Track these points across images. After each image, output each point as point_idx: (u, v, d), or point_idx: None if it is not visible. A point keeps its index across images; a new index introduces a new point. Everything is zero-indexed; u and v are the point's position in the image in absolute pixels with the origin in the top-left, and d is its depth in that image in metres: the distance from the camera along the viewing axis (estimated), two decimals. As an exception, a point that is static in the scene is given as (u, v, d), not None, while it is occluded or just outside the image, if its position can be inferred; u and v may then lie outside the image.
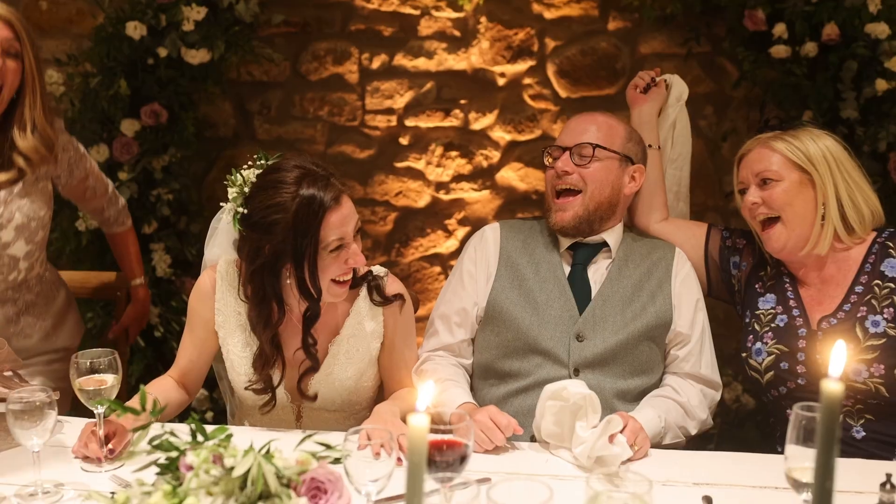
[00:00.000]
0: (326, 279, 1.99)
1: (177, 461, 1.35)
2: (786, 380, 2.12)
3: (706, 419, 2.19)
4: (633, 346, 2.15)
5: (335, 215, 1.94)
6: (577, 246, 2.27)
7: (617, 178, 2.25)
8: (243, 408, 2.25)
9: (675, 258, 2.28)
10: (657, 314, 2.18)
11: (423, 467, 1.11)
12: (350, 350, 2.12)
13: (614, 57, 3.65)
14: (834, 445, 1.05)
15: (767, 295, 2.21)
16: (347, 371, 2.11)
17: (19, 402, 1.61)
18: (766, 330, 2.16)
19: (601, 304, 2.18)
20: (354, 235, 2.00)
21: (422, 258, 3.85)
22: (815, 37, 3.06)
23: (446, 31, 3.70)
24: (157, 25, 3.28)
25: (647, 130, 2.44)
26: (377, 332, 2.14)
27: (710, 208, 3.68)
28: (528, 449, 1.94)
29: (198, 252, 3.46)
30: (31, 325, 2.41)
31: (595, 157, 2.22)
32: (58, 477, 1.74)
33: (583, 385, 1.89)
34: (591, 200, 2.22)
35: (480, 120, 3.74)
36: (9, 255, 2.30)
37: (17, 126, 2.24)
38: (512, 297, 2.21)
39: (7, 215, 2.26)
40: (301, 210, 1.92)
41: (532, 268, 2.24)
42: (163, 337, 3.38)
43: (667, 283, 2.23)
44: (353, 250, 1.98)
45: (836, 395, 1.04)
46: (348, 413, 2.19)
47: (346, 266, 1.99)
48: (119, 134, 3.31)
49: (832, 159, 2.11)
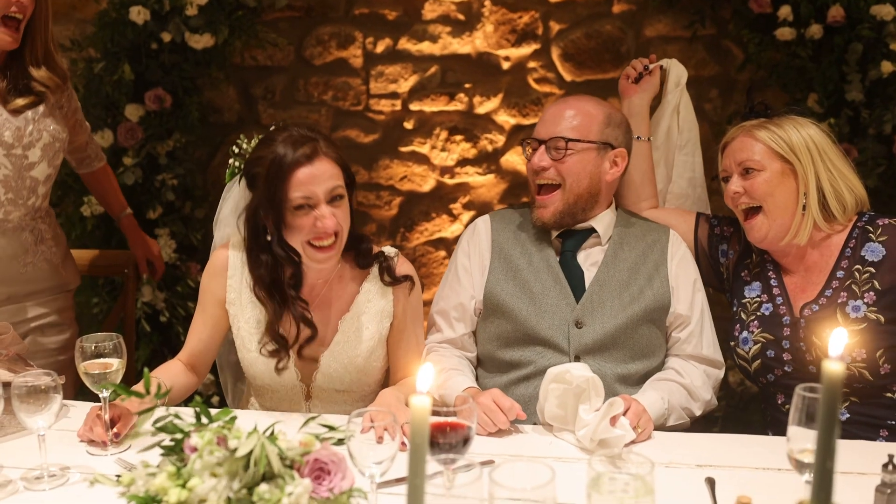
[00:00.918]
0: (298, 240, 2.00)
1: (181, 443, 1.35)
2: (773, 367, 2.12)
3: (710, 399, 2.19)
4: (633, 330, 2.15)
5: (303, 172, 1.94)
6: (567, 233, 2.25)
7: (595, 168, 2.20)
8: (254, 387, 2.25)
9: (669, 240, 2.26)
10: (655, 297, 2.17)
11: (425, 449, 1.11)
12: (360, 328, 2.11)
13: (619, 40, 3.64)
14: (835, 426, 1.05)
15: (753, 283, 2.21)
16: (357, 349, 2.11)
17: (24, 385, 1.62)
18: (752, 319, 2.16)
19: (598, 290, 2.17)
20: (330, 200, 1.97)
21: (427, 242, 3.85)
22: (821, 19, 3.04)
23: (451, 14, 3.68)
24: (160, 10, 3.28)
25: (637, 122, 2.41)
26: (387, 311, 2.15)
27: (715, 191, 3.66)
28: (532, 431, 1.94)
29: (203, 237, 3.48)
30: (44, 254, 2.48)
31: (570, 150, 2.18)
32: (63, 460, 1.76)
33: (586, 368, 1.90)
34: (570, 194, 2.19)
35: (485, 104, 3.73)
36: (31, 176, 2.38)
37: (29, 58, 2.33)
38: (507, 289, 2.20)
39: (35, 134, 2.35)
40: (273, 164, 1.95)
41: (525, 258, 2.23)
42: (168, 322, 3.39)
43: (663, 266, 2.21)
44: (321, 212, 1.96)
45: (837, 376, 1.04)
46: (357, 394, 2.20)
47: (315, 229, 1.97)
48: (123, 119, 3.32)
49: (815, 149, 2.09)
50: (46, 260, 2.48)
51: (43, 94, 2.37)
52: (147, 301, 3.35)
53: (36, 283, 2.45)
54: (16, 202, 2.37)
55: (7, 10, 2.23)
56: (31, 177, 2.38)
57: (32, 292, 2.45)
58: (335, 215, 1.97)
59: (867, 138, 3.05)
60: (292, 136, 1.98)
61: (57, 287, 2.53)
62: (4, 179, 2.32)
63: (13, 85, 2.33)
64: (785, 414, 2.04)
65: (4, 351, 1.93)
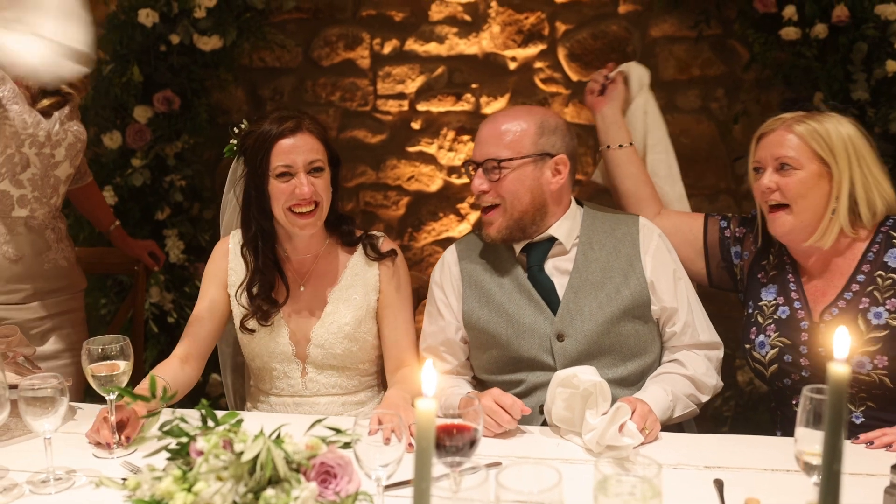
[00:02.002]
0: (279, 207, 2.15)
1: (187, 447, 1.36)
2: (790, 372, 2.08)
3: (716, 384, 2.16)
4: (617, 332, 2.11)
5: (285, 142, 2.13)
6: (529, 247, 2.19)
7: (535, 181, 2.13)
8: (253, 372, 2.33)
9: (640, 231, 2.20)
10: (633, 295, 2.12)
11: (431, 451, 1.11)
12: (348, 299, 2.23)
13: (625, 40, 3.63)
14: (842, 428, 1.05)
15: (770, 285, 2.16)
16: (346, 317, 2.21)
17: (31, 388, 1.62)
18: (768, 322, 2.12)
19: (573, 298, 2.13)
20: (309, 170, 2.14)
21: (434, 242, 3.85)
22: (826, 18, 3.03)
23: (457, 15, 3.68)
24: (169, 13, 3.29)
25: (614, 131, 2.39)
26: (373, 284, 2.25)
27: (723, 191, 3.66)
28: (539, 433, 1.94)
29: (211, 238, 3.50)
30: (63, 252, 2.52)
31: (505, 169, 2.12)
32: (70, 463, 1.76)
33: (593, 372, 1.89)
34: (513, 210, 2.14)
35: (492, 104, 3.72)
36: (55, 175, 2.43)
37: None
38: (484, 316, 2.18)
39: (62, 134, 2.41)
40: (260, 136, 2.15)
41: (495, 282, 2.20)
42: (176, 322, 3.40)
43: (637, 260, 2.16)
44: (300, 180, 2.12)
45: (843, 378, 1.03)
46: (352, 371, 2.25)
47: (294, 195, 2.12)
48: (132, 121, 3.33)
49: (853, 151, 2.04)
50: (65, 258, 2.52)
51: (69, 94, 2.45)
52: (155, 302, 3.36)
53: (56, 280, 2.49)
54: (41, 200, 2.42)
55: None
56: (55, 176, 2.44)
57: (53, 290, 2.48)
58: (314, 185, 2.14)
59: (873, 137, 3.01)
60: (280, 114, 2.18)
61: (72, 286, 2.56)
62: (32, 178, 2.37)
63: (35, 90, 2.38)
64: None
65: (11, 354, 1.94)
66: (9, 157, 2.30)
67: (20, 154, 2.32)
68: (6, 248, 2.35)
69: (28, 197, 2.38)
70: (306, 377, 2.24)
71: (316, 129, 2.18)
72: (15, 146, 2.30)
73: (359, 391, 2.28)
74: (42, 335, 2.45)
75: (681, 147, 3.61)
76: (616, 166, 2.42)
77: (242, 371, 2.50)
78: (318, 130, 2.18)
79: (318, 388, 2.25)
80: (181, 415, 1.38)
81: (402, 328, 2.27)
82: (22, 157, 2.33)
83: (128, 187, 3.35)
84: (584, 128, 3.69)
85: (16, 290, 2.38)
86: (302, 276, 2.26)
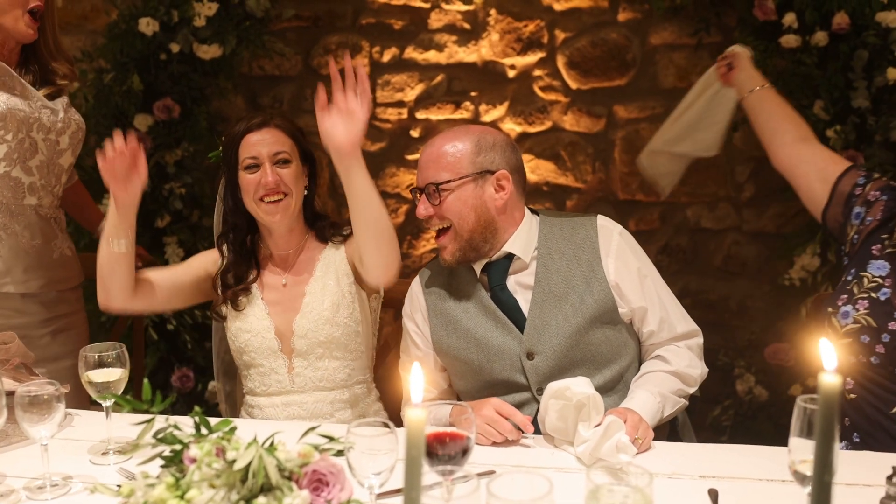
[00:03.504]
0: (249, 198, 2.26)
1: (181, 454, 1.36)
2: (858, 353, 1.97)
3: (701, 372, 2.15)
4: (587, 342, 2.08)
5: (252, 136, 2.25)
6: (489, 266, 2.17)
7: (477, 199, 2.11)
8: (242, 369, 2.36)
9: (598, 233, 2.16)
10: (597, 302, 2.09)
11: (421, 460, 1.11)
12: (323, 287, 2.30)
13: (624, 48, 3.63)
14: (833, 439, 1.05)
15: (881, 262, 2.01)
16: (324, 303, 2.28)
17: (27, 395, 1.62)
18: (862, 297, 2.00)
19: (539, 313, 2.10)
20: (275, 162, 2.24)
21: (433, 250, 3.85)
22: (826, 26, 3.03)
23: (456, 23, 3.70)
24: (169, 21, 3.31)
25: (747, 83, 2.33)
26: (343, 268, 2.32)
27: (722, 199, 3.67)
28: (535, 443, 1.94)
29: (211, 245, 3.49)
30: (66, 242, 2.53)
31: (445, 191, 2.11)
32: (67, 469, 1.76)
33: (587, 384, 1.88)
34: (462, 231, 2.11)
35: (491, 112, 3.73)
36: (59, 164, 2.44)
37: (44, 51, 2.41)
38: (453, 344, 2.16)
39: (66, 121, 2.43)
40: (231, 134, 2.30)
41: (460, 307, 2.18)
42: (176, 330, 3.41)
43: (598, 266, 2.12)
44: (265, 170, 2.23)
45: (834, 389, 1.03)
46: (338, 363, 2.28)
47: (260, 185, 2.23)
48: (132, 129, 3.34)
49: None
50: (69, 247, 2.54)
51: (64, 85, 2.46)
52: (155, 310, 3.36)
53: (64, 269, 2.49)
54: (46, 188, 2.42)
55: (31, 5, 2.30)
56: (59, 164, 2.45)
57: (63, 278, 2.49)
58: (279, 175, 2.24)
59: (874, 145, 3.03)
60: (252, 114, 2.32)
61: (76, 276, 2.57)
62: (40, 165, 2.38)
63: (37, 78, 2.41)
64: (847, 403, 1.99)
65: (10, 360, 1.94)
66: (20, 143, 2.32)
67: (29, 139, 2.34)
68: (21, 236, 2.36)
69: (37, 185, 2.39)
70: (293, 372, 2.28)
71: (285, 125, 2.29)
72: (25, 131, 2.32)
73: (347, 386, 2.29)
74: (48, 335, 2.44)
75: (680, 155, 3.64)
76: (751, 111, 2.34)
77: (236, 377, 2.52)
78: (287, 127, 2.29)
79: (305, 382, 2.28)
80: (175, 422, 1.38)
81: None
82: (31, 143, 2.34)
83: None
84: (583, 135, 3.70)
85: (33, 279, 2.38)
86: (284, 271, 2.34)
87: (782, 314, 3.34)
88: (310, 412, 2.26)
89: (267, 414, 2.28)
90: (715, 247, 3.71)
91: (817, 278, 3.20)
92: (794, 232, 3.36)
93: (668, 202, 3.69)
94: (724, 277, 3.71)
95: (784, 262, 3.34)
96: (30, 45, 2.39)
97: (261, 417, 2.29)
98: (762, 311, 3.59)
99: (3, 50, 2.33)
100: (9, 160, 2.31)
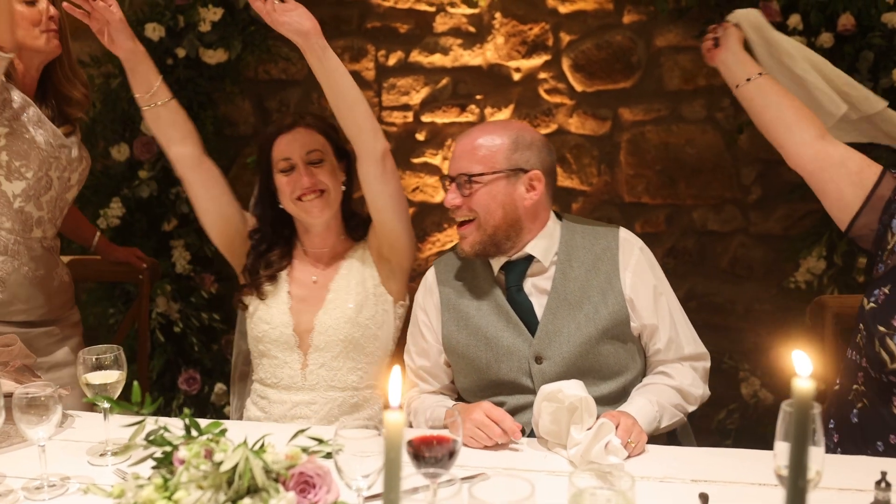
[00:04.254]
0: (286, 200, 2.30)
1: (171, 456, 1.38)
2: None
3: (703, 393, 2.14)
4: (596, 353, 2.08)
5: (284, 137, 2.29)
6: (507, 266, 2.16)
7: (507, 196, 2.10)
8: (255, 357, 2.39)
9: (620, 246, 2.15)
10: (611, 315, 2.09)
11: (400, 462, 1.12)
12: (348, 286, 2.33)
13: (629, 50, 3.63)
14: (807, 444, 1.05)
15: None
16: (348, 301, 2.30)
17: (25, 397, 1.65)
18: None
19: (551, 319, 2.10)
20: (308, 163, 2.27)
21: (439, 253, 3.85)
22: (831, 27, 3.01)
23: (461, 27, 3.71)
24: (174, 27, 3.34)
25: (737, 70, 2.20)
26: (370, 269, 2.35)
27: (728, 201, 3.65)
28: (527, 445, 1.94)
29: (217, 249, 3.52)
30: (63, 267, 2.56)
31: (476, 184, 2.10)
32: (65, 470, 1.79)
33: (579, 387, 1.88)
34: (486, 225, 2.10)
35: (496, 115, 3.74)
36: (65, 198, 2.49)
37: (64, 78, 2.44)
38: (462, 340, 2.15)
39: (79, 159, 2.48)
40: (263, 137, 2.36)
41: (474, 304, 2.17)
42: (182, 332, 3.44)
43: (616, 278, 2.11)
44: (299, 171, 2.26)
45: (807, 394, 1.04)
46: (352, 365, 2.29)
47: (297, 186, 2.26)
48: (139, 133, 3.38)
49: None
50: (66, 273, 2.57)
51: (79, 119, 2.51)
52: (161, 311, 3.40)
53: (62, 295, 2.52)
54: (53, 221, 2.46)
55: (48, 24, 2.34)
56: (65, 199, 2.49)
57: (62, 304, 2.52)
58: (314, 174, 2.26)
59: (880, 147, 3.00)
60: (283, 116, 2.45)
61: (71, 299, 2.60)
62: (50, 200, 2.42)
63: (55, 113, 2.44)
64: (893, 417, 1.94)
65: (11, 362, 1.97)
66: (38, 180, 2.36)
67: (47, 177, 2.38)
68: (27, 268, 2.38)
69: (44, 218, 2.42)
70: (306, 369, 2.29)
71: (316, 123, 2.31)
72: (45, 170, 2.36)
73: (358, 389, 2.31)
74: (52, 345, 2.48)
75: (686, 157, 3.63)
76: (750, 102, 2.19)
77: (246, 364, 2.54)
78: (319, 125, 2.32)
79: (316, 380, 2.29)
80: (165, 424, 1.41)
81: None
82: (48, 181, 2.39)
83: (135, 199, 3.39)
84: (588, 138, 3.70)
85: (35, 308, 2.41)
86: (316, 268, 2.36)
87: (788, 317, 3.33)
88: (317, 414, 2.27)
89: (274, 409, 2.29)
90: (721, 249, 3.70)
91: (823, 281, 3.19)
92: (800, 234, 3.35)
93: (673, 204, 3.69)
94: (731, 280, 3.69)
95: (791, 265, 3.32)
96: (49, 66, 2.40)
97: (267, 410, 2.31)
98: (769, 314, 3.57)
99: (26, 79, 2.36)
100: (25, 196, 2.34)
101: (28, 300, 2.38)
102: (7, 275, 2.34)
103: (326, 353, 2.28)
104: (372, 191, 2.25)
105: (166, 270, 3.40)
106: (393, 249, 2.33)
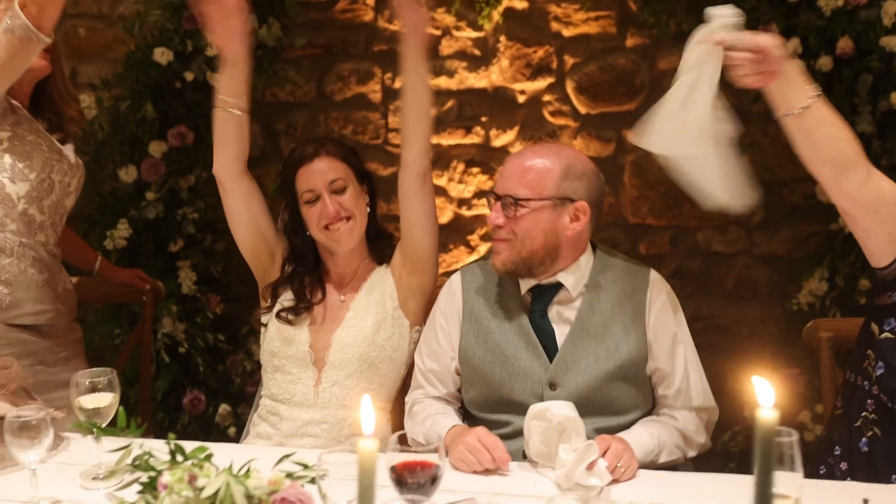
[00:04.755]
0: (314, 229, 2.33)
1: (155, 480, 1.40)
2: None
3: (704, 443, 2.14)
4: (609, 389, 2.07)
5: (305, 169, 2.32)
6: (536, 290, 2.15)
7: (550, 224, 2.07)
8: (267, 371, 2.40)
9: (649, 286, 2.14)
10: (631, 353, 2.09)
11: (373, 490, 1.14)
12: (368, 305, 2.35)
13: (633, 73, 3.65)
14: (771, 474, 1.06)
15: None
16: (367, 321, 2.33)
17: (16, 420, 1.66)
18: None
19: (571, 349, 2.09)
20: (332, 191, 2.30)
21: (444, 273, 3.87)
22: (830, 51, 3.02)
23: (467, 50, 3.74)
24: (183, 51, 3.40)
25: (793, 90, 1.88)
26: (391, 290, 2.38)
27: (732, 222, 3.65)
28: (518, 469, 1.94)
29: (223, 269, 3.57)
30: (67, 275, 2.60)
31: (522, 208, 2.07)
32: (57, 494, 1.79)
33: (568, 407, 1.89)
34: (523, 248, 2.08)
35: (501, 137, 3.76)
36: (65, 205, 2.54)
37: (57, 96, 2.52)
38: (479, 354, 2.15)
39: (76, 166, 2.54)
40: (285, 167, 2.39)
41: (496, 320, 2.16)
42: (188, 353, 3.46)
43: (640, 318, 2.11)
44: (324, 201, 2.29)
45: (771, 425, 1.05)
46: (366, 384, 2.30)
47: (322, 216, 2.29)
48: (147, 155, 3.43)
49: None
50: (69, 281, 2.61)
51: (73, 131, 2.57)
52: (167, 332, 3.43)
53: (68, 302, 2.56)
54: (52, 227, 2.50)
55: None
56: (65, 205, 2.54)
57: (67, 311, 2.55)
58: (339, 202, 2.29)
59: (879, 170, 3.00)
60: (303, 144, 2.39)
61: (75, 309, 2.62)
62: (51, 204, 2.47)
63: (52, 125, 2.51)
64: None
65: (8, 384, 2.00)
66: (41, 182, 2.42)
67: (49, 180, 2.44)
68: (32, 271, 2.42)
69: (46, 223, 2.47)
70: (319, 386, 2.31)
71: (336, 150, 2.34)
72: (47, 172, 2.42)
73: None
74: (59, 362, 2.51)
75: (688, 179, 3.63)
76: (804, 136, 1.89)
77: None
78: (340, 152, 2.34)
79: (329, 398, 2.30)
80: (150, 449, 1.43)
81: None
82: (49, 184, 2.44)
83: (142, 220, 3.43)
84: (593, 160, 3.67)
85: (43, 312, 2.44)
86: (339, 290, 2.40)
87: (791, 339, 3.31)
88: (327, 434, 2.28)
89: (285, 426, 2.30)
90: (726, 270, 3.69)
91: (825, 303, 3.17)
92: (803, 256, 3.34)
93: (678, 226, 3.69)
94: (736, 301, 3.68)
95: (794, 287, 3.31)
96: (42, 85, 2.48)
97: (278, 426, 2.31)
98: (773, 336, 3.56)
99: (17, 95, 2.43)
100: (28, 198, 2.40)
101: (35, 302, 2.41)
102: (13, 277, 2.37)
103: (341, 371, 2.30)
104: (409, 202, 2.34)
105: (172, 291, 3.43)
106: (417, 267, 2.37)
